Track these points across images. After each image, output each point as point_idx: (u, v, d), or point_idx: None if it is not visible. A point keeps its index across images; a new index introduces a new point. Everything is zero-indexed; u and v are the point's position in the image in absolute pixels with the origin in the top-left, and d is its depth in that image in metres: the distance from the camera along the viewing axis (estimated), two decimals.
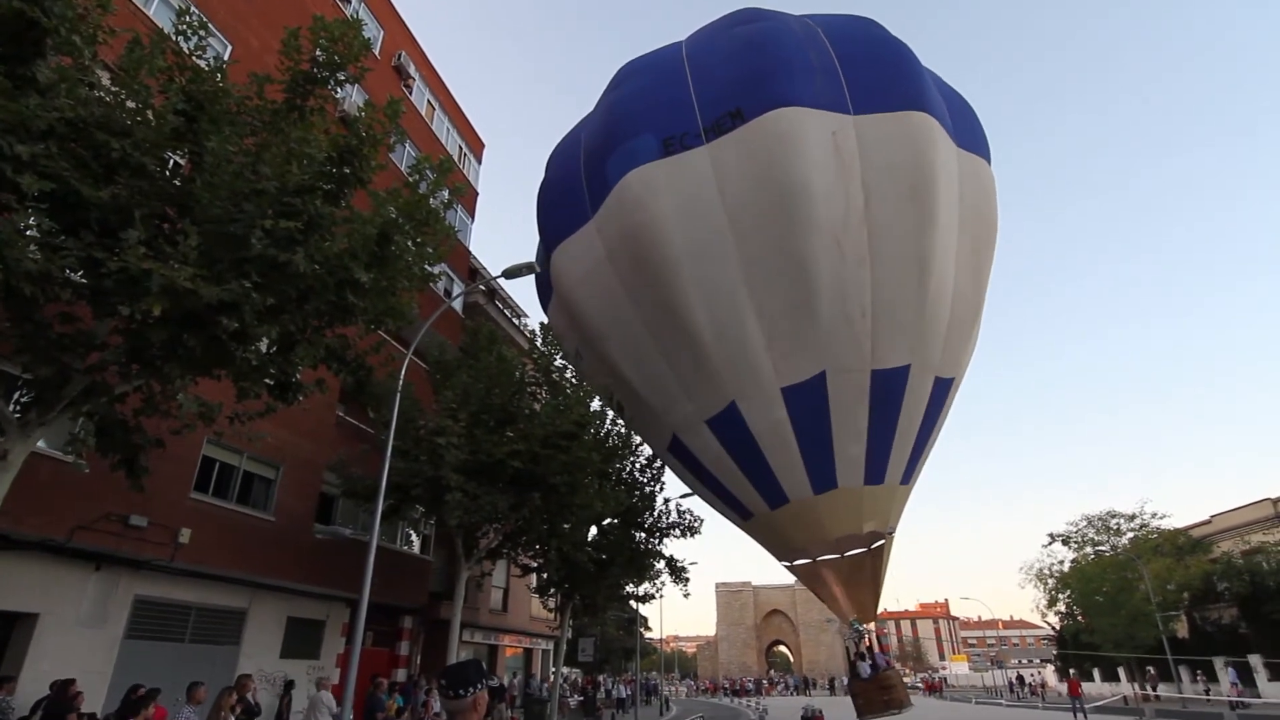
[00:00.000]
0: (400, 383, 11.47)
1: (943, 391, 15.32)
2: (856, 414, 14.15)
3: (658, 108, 13.98)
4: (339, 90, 8.65)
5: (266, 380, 8.05)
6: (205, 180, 6.75)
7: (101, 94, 6.92)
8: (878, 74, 13.62)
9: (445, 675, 2.27)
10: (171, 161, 7.49)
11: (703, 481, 16.53)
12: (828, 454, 14.38)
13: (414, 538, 19.23)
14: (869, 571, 15.63)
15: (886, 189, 13.15)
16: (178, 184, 7.15)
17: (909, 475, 15.64)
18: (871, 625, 16.10)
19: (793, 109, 12.79)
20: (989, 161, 15.56)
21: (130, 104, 6.98)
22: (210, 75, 7.49)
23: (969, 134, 14.98)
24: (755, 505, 15.55)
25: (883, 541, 15.56)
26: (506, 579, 24.72)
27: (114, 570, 11.24)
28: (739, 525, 17.17)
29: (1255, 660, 30.71)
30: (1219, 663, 32.06)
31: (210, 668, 12.12)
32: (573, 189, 15.31)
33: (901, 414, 14.56)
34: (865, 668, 15.48)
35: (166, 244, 6.35)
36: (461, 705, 2.18)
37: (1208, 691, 30.73)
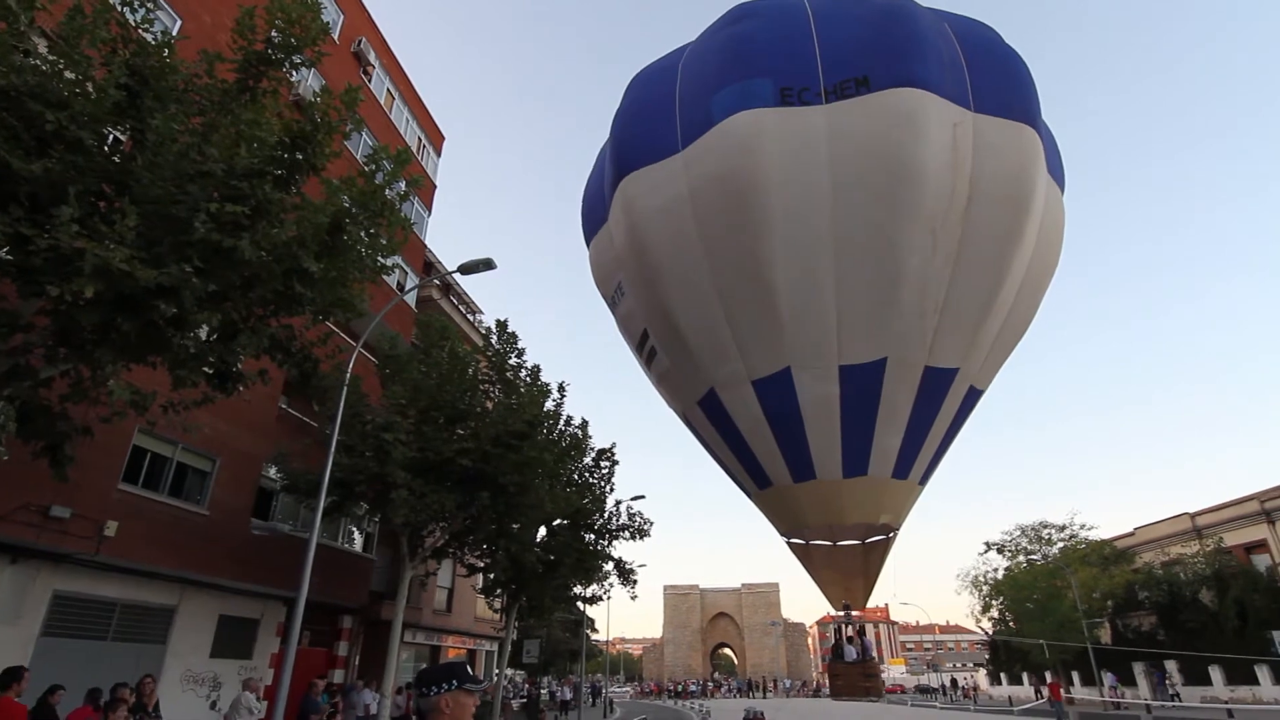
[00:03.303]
0: (348, 376, 11.20)
1: (972, 401, 15.60)
2: (902, 406, 14.18)
3: (778, 54, 13.27)
4: (294, 74, 8.42)
5: (205, 369, 7.76)
6: (147, 159, 6.48)
7: (38, 62, 6.56)
8: (999, 80, 13.55)
9: (417, 675, 2.30)
10: (111, 137, 7.16)
11: (727, 442, 16.15)
12: (867, 440, 14.34)
13: (356, 535, 18.79)
14: (871, 562, 15.96)
15: (991, 193, 13.10)
16: (117, 161, 6.83)
17: (927, 477, 15.89)
18: (860, 612, 16.60)
19: (922, 91, 12.50)
20: (1063, 192, 15.81)
21: (69, 75, 6.64)
22: (157, 50, 7.18)
23: (1055, 161, 15.18)
24: (779, 476, 15.40)
25: (890, 535, 15.88)
26: (452, 579, 24.36)
27: (32, 563, 10.67)
28: (751, 493, 16.97)
29: (1171, 666, 32.39)
30: (1138, 668, 33.74)
31: (134, 667, 11.59)
32: (661, 117, 14.44)
33: (939, 415, 14.76)
34: (851, 651, 16.09)
35: (102, 223, 6.06)
36: (428, 704, 2.17)
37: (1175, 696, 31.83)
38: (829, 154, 12.76)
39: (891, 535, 15.87)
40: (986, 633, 48.53)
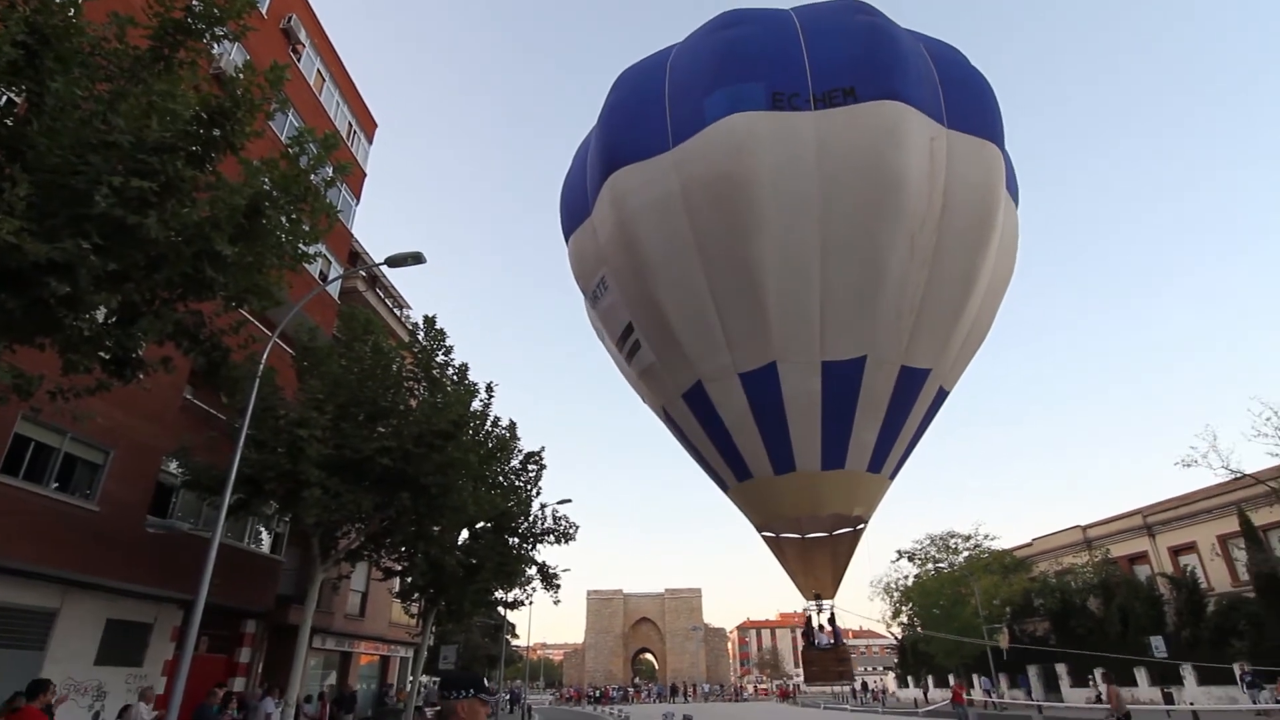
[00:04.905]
0: (261, 367, 10.67)
1: (939, 401, 16.54)
2: (879, 403, 14.86)
3: (770, 61, 13.82)
4: (215, 46, 7.98)
5: (101, 354, 7.22)
6: (44, 124, 5.98)
7: None
8: (969, 98, 14.50)
9: (443, 679, 2.68)
10: (4, 99, 6.60)
11: (709, 434, 16.51)
12: (845, 435, 14.95)
13: (265, 536, 17.90)
14: (841, 552, 16.67)
15: (961, 205, 14.02)
16: (9, 124, 6.30)
17: (896, 472, 16.71)
18: (832, 600, 17.22)
19: (904, 105, 13.27)
20: (1017, 207, 16.99)
21: None
22: (61, 8, 6.66)
23: (1011, 177, 16.33)
24: (760, 468, 15.88)
25: (861, 527, 16.54)
26: (366, 582, 23.52)
27: None
28: (729, 486, 17.35)
29: (1061, 669, 34.52)
30: (1032, 670, 35.85)
31: (6, 676, 10.66)
32: (651, 115, 14.77)
33: (911, 413, 15.55)
34: (824, 639, 16.71)
35: None
36: (447, 706, 2.46)
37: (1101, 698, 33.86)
38: (817, 159, 13.36)
39: (861, 527, 16.60)
40: (896, 637, 50.53)
